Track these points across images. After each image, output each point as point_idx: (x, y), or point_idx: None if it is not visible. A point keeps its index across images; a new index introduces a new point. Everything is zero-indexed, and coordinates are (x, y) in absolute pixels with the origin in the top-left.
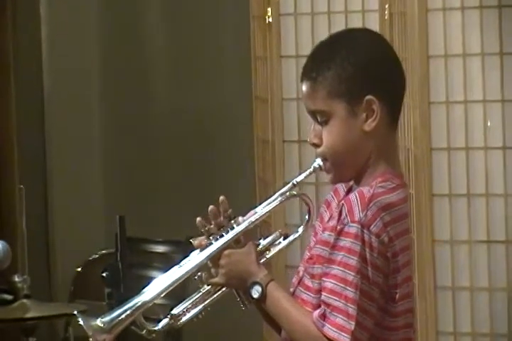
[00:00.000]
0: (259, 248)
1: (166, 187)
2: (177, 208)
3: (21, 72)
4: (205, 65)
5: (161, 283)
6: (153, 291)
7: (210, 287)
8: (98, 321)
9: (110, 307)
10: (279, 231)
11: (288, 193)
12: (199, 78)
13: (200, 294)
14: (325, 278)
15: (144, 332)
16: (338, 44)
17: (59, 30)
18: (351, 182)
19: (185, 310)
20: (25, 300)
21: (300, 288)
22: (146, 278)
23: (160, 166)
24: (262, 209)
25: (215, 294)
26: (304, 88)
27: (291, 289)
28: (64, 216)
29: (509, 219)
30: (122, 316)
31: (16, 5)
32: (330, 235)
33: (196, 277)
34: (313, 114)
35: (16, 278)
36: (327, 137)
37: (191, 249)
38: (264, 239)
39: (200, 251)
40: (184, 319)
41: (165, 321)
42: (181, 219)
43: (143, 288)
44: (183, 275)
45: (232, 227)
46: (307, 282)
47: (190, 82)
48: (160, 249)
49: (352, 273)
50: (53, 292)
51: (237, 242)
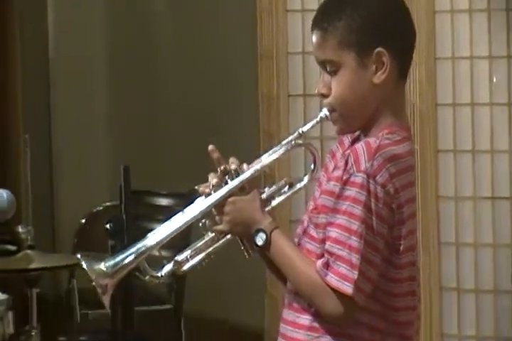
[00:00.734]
0: (264, 196)
1: (171, 139)
2: (182, 161)
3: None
4: (210, 19)
5: (165, 229)
6: (158, 237)
7: (214, 234)
8: (101, 265)
9: None
10: (284, 179)
11: (293, 142)
12: (204, 32)
13: (204, 241)
14: (329, 228)
15: (147, 277)
16: None
17: None
18: (357, 133)
19: (188, 256)
20: (28, 251)
21: (305, 238)
22: (149, 231)
23: (165, 119)
24: (267, 158)
25: (219, 241)
26: (314, 38)
27: (296, 239)
28: (68, 167)
29: None
30: (126, 261)
31: None
32: (335, 185)
33: (200, 224)
34: (323, 63)
35: (20, 229)
36: (336, 87)
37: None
38: (270, 187)
39: (205, 198)
40: (187, 266)
41: (168, 267)
42: (186, 172)
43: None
44: (187, 222)
45: (238, 174)
46: (312, 232)
47: (196, 38)
48: (164, 201)
49: (357, 223)
50: (57, 243)
51: (241, 190)
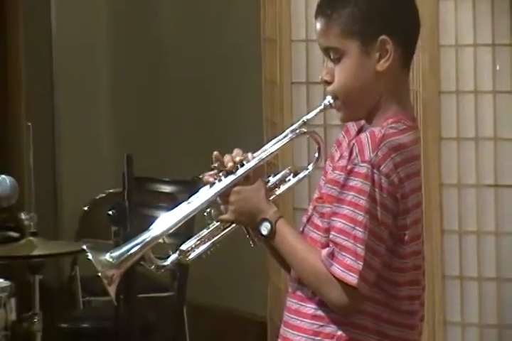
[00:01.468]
0: (269, 185)
1: (173, 127)
2: (185, 148)
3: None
4: (214, 5)
5: (170, 218)
6: (163, 227)
7: (219, 223)
8: (107, 256)
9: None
10: (288, 168)
11: (298, 131)
12: (208, 19)
13: (209, 230)
14: (334, 218)
15: (153, 267)
16: None
17: None
18: (362, 122)
19: (193, 246)
20: (31, 238)
21: (309, 227)
22: (152, 218)
23: (168, 106)
24: (271, 147)
25: (224, 231)
26: (318, 25)
27: (301, 228)
28: (72, 154)
29: None
30: (131, 251)
31: None
32: (340, 175)
33: (205, 213)
34: (326, 51)
35: (23, 216)
36: (339, 75)
37: (198, 189)
38: (274, 176)
39: (210, 187)
40: (193, 255)
41: (173, 257)
42: (189, 159)
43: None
44: (192, 211)
45: (242, 164)
46: (316, 221)
47: (200, 24)
48: (167, 188)
49: (361, 213)
50: (60, 230)
51: (246, 179)
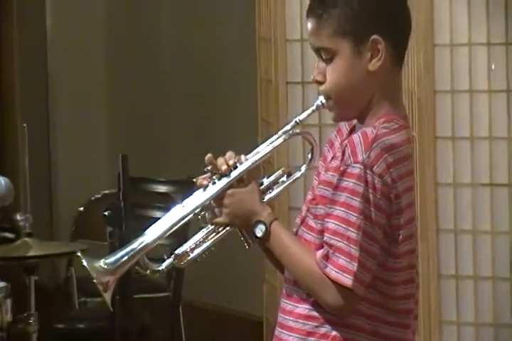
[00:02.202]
0: (263, 187)
1: (168, 127)
2: (180, 148)
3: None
4: (209, 5)
5: (164, 223)
6: (157, 231)
7: (213, 227)
8: (102, 262)
9: (112, 246)
10: (282, 169)
11: (291, 131)
12: (203, 18)
13: (203, 234)
14: (327, 219)
15: (148, 272)
16: None
17: None
18: (354, 122)
19: (188, 250)
20: (27, 239)
21: (303, 228)
22: (147, 218)
23: (163, 106)
24: (264, 148)
25: (218, 234)
26: (310, 25)
27: (294, 229)
28: (67, 155)
29: None
30: (126, 257)
31: None
32: (333, 175)
33: (200, 217)
34: (318, 51)
35: (18, 217)
36: (331, 75)
37: (193, 189)
38: (268, 177)
39: (203, 190)
40: (188, 259)
41: (168, 261)
42: (184, 159)
43: (145, 227)
44: (186, 215)
45: (236, 166)
46: (310, 222)
47: (195, 23)
48: (162, 189)
49: (355, 214)
50: (55, 231)
51: (240, 181)
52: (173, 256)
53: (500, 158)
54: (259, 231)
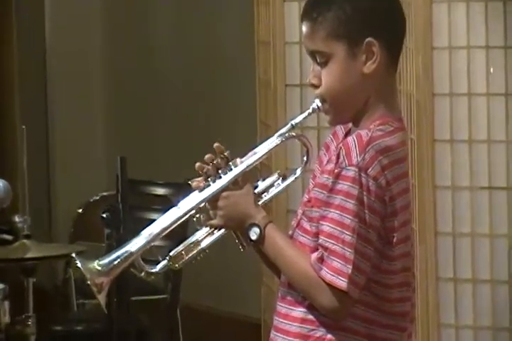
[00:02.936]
0: (258, 189)
1: (167, 129)
2: (178, 151)
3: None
4: (208, 8)
5: (159, 224)
6: (151, 233)
7: (208, 229)
8: (96, 264)
9: (109, 248)
10: (277, 172)
11: (287, 134)
12: (202, 22)
13: (198, 236)
14: (322, 222)
15: (143, 274)
16: None
17: None
18: (350, 125)
19: (183, 252)
20: (25, 241)
21: (298, 231)
22: (145, 220)
23: (162, 109)
24: (260, 151)
25: (213, 236)
26: (304, 28)
27: (290, 232)
28: (65, 157)
29: (511, 166)
30: (120, 258)
31: None
32: (328, 178)
33: (195, 219)
34: (313, 54)
35: (17, 219)
36: (326, 78)
37: (191, 192)
38: (263, 180)
39: (199, 192)
40: (182, 261)
41: (163, 263)
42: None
43: (142, 229)
44: (180, 217)
45: (230, 169)
46: (305, 225)
47: (194, 26)
48: (160, 191)
49: (349, 217)
50: (53, 233)
51: (235, 184)
52: (167, 258)
53: (499, 161)
54: (254, 234)
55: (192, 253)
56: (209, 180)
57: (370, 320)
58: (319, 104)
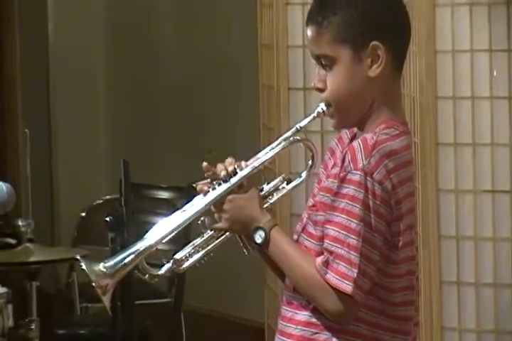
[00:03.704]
0: (263, 193)
1: (170, 133)
2: (181, 154)
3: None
4: (211, 11)
5: (164, 227)
6: (156, 236)
7: (213, 232)
8: (101, 266)
9: (113, 252)
10: (282, 176)
11: (291, 138)
12: (205, 25)
13: (203, 239)
14: (328, 226)
15: (147, 276)
16: None
17: None
18: (355, 130)
19: (187, 255)
20: (28, 244)
21: (303, 235)
22: (149, 224)
23: (165, 112)
24: (265, 155)
25: (218, 239)
26: (309, 32)
27: (295, 236)
28: (68, 160)
29: None
30: (125, 261)
31: None
32: (333, 182)
33: (199, 222)
34: (318, 58)
35: (20, 222)
36: (331, 82)
37: (194, 195)
38: (268, 184)
39: (204, 196)
40: (187, 264)
41: (167, 266)
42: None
43: (146, 232)
44: (186, 220)
45: (236, 172)
46: (310, 229)
47: (197, 29)
48: (164, 194)
49: (355, 221)
50: (57, 237)
51: (240, 187)
52: (172, 261)
53: (502, 165)
54: (259, 237)
55: (196, 256)
56: (214, 183)
57: (374, 323)
58: (324, 108)
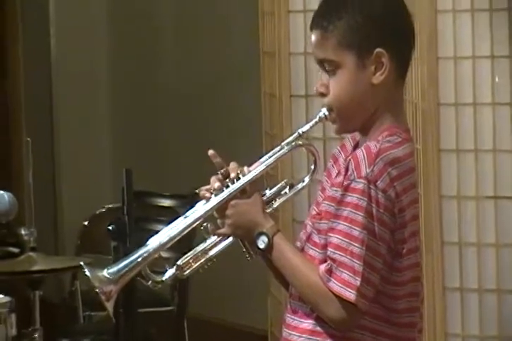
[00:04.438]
0: (265, 198)
1: (173, 141)
2: (184, 162)
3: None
4: (213, 19)
5: (167, 233)
6: (159, 242)
7: (216, 238)
8: (104, 272)
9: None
10: (284, 181)
11: (294, 143)
12: (207, 33)
13: (205, 245)
14: (331, 233)
15: (150, 283)
16: None
17: None
18: (358, 137)
19: (190, 260)
20: (31, 253)
21: (308, 245)
22: (152, 232)
23: (168, 120)
24: (267, 160)
25: (221, 245)
26: (314, 37)
27: (299, 244)
28: (71, 169)
29: None
30: (128, 267)
31: None
32: (336, 191)
33: (202, 228)
34: (322, 62)
35: (23, 231)
36: (334, 87)
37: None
38: (270, 189)
39: (206, 201)
40: (190, 270)
41: (170, 272)
42: (188, 173)
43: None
44: (188, 226)
45: (238, 178)
46: (315, 238)
47: (199, 37)
48: (166, 203)
49: (358, 229)
50: (60, 245)
51: (243, 192)
52: (175, 267)
53: (505, 171)
54: (262, 242)
55: (199, 262)
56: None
57: (378, 331)
58: (326, 113)
